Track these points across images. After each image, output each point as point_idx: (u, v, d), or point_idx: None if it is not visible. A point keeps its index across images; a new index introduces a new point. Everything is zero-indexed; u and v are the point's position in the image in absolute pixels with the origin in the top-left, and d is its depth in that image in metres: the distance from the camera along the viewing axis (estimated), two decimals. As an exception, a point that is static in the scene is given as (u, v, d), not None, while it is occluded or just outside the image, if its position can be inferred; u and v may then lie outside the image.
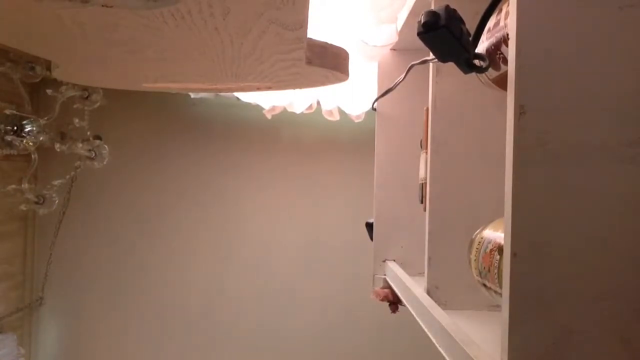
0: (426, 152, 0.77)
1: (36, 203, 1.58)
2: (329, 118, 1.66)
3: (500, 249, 0.51)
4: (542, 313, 0.36)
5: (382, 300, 1.07)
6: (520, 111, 0.37)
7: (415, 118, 0.99)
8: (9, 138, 1.41)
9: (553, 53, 0.37)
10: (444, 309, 0.66)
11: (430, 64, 0.72)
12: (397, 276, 0.92)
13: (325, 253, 1.83)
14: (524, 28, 0.37)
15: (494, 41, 0.51)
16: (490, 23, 0.52)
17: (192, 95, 1.68)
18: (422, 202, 0.85)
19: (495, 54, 0.51)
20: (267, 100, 1.60)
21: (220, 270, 1.84)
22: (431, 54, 0.48)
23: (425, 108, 0.80)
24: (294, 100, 1.59)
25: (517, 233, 0.37)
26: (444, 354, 0.55)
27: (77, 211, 1.80)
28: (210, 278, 1.84)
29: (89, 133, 1.62)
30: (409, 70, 0.80)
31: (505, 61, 0.50)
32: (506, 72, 0.40)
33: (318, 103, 1.63)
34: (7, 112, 1.44)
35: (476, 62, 0.45)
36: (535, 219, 0.37)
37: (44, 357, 1.83)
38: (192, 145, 1.84)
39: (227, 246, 1.84)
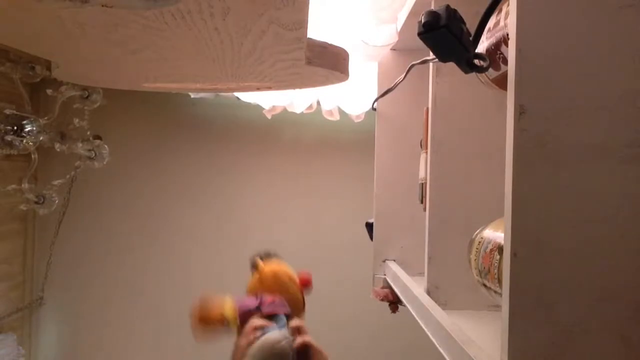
0: (426, 152, 0.77)
1: (36, 203, 1.58)
2: (329, 118, 1.66)
3: (500, 249, 0.51)
4: (542, 313, 0.36)
5: (382, 300, 1.07)
6: (520, 111, 0.37)
7: (415, 118, 0.99)
8: (9, 138, 1.41)
9: (553, 53, 0.37)
10: (444, 309, 0.66)
11: (430, 64, 0.72)
12: (397, 276, 0.92)
13: (325, 253, 1.83)
14: (524, 28, 0.37)
15: (494, 41, 0.51)
16: (490, 23, 0.52)
17: (192, 95, 1.68)
18: (422, 202, 0.85)
19: (495, 54, 0.51)
20: (267, 100, 1.61)
21: (221, 270, 1.84)
22: (431, 54, 0.48)
23: (425, 108, 0.80)
24: (294, 100, 1.59)
25: (517, 233, 0.37)
26: (444, 354, 0.55)
27: (77, 211, 1.80)
28: (211, 277, 1.84)
29: (89, 133, 1.62)
30: (409, 70, 0.80)
31: (505, 61, 0.50)
32: (506, 72, 0.40)
33: (318, 103, 1.63)
34: (7, 112, 1.44)
35: (476, 62, 0.45)
36: (535, 219, 0.37)
37: (44, 357, 1.83)
38: (192, 145, 1.84)
39: (227, 246, 1.84)
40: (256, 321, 0.86)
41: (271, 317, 0.88)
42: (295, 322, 0.88)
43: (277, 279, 0.95)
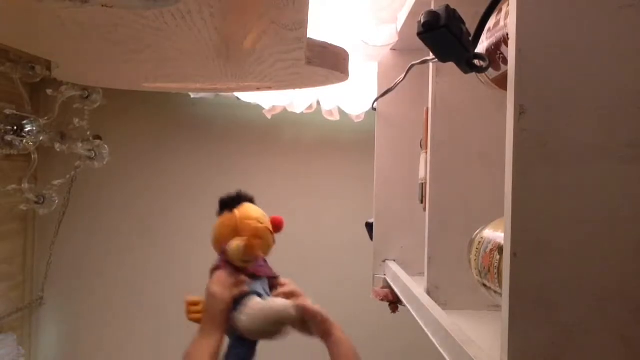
0: (426, 152, 0.77)
1: (36, 203, 1.58)
2: (329, 118, 1.66)
3: (500, 249, 0.51)
4: (542, 313, 0.36)
5: (382, 300, 1.07)
6: (520, 111, 0.37)
7: (415, 118, 0.99)
8: (9, 138, 1.41)
9: (553, 53, 0.37)
10: (444, 309, 0.65)
11: (430, 64, 0.72)
12: (397, 276, 0.92)
13: (325, 253, 1.83)
14: (524, 28, 0.37)
15: (494, 41, 0.51)
16: (490, 23, 0.52)
17: (192, 95, 1.68)
18: (422, 202, 0.85)
19: (495, 54, 0.51)
20: (267, 100, 1.61)
21: (220, 270, 1.84)
22: (431, 54, 0.48)
23: (425, 108, 0.80)
24: (294, 100, 1.59)
25: (517, 233, 0.37)
26: (444, 354, 0.55)
27: (77, 211, 1.80)
28: (210, 278, 1.84)
29: (89, 133, 1.62)
30: (409, 70, 0.80)
31: (505, 61, 0.50)
32: (506, 72, 0.40)
33: (318, 103, 1.63)
34: (7, 112, 1.44)
35: (476, 62, 0.45)
36: (535, 219, 0.37)
37: (44, 357, 1.82)
38: (192, 145, 1.84)
39: (227, 246, 1.84)
40: (242, 277, 0.93)
41: (252, 274, 0.93)
42: (289, 287, 0.95)
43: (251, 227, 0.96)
